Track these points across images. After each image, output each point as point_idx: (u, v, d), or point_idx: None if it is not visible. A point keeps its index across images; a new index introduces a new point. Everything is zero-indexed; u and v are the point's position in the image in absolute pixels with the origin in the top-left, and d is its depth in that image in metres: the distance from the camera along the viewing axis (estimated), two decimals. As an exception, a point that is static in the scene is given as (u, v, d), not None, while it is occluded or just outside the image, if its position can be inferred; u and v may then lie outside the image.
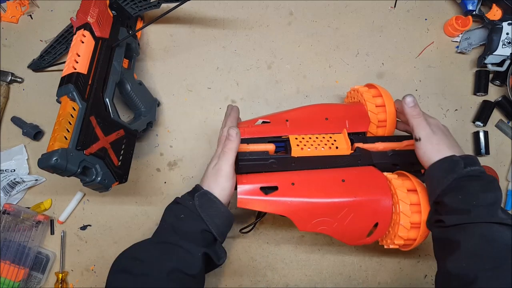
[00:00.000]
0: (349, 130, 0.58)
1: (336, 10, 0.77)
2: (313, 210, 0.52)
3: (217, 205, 0.50)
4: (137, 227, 0.71)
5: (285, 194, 0.52)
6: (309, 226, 0.52)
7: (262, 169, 0.55)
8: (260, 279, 0.69)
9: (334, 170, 0.55)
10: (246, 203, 0.52)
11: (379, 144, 0.58)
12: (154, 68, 0.76)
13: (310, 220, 0.52)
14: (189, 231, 0.49)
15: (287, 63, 0.75)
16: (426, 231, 0.51)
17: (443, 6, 0.77)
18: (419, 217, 0.51)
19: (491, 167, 0.71)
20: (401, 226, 0.51)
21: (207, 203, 0.50)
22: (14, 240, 0.67)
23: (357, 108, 0.61)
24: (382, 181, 0.54)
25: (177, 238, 0.49)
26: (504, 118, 0.73)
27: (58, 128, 0.52)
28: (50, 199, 0.72)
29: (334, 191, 0.52)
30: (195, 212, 0.49)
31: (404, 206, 0.50)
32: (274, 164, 0.55)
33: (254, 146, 0.56)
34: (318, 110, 0.61)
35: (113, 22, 0.66)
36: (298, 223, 0.52)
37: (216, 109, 0.74)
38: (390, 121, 0.60)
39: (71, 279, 0.70)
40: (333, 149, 0.56)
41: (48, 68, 0.76)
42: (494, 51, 0.70)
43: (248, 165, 0.54)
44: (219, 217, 0.50)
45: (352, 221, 0.52)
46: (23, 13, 0.79)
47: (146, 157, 0.73)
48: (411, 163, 0.57)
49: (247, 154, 0.55)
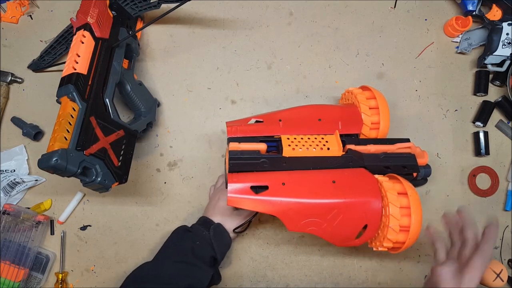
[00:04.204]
0: (341, 131, 0.58)
1: (336, 10, 0.77)
2: (302, 210, 0.52)
3: (226, 236, 0.61)
4: (137, 227, 0.71)
5: (275, 193, 0.52)
6: (298, 227, 0.52)
7: (253, 169, 0.54)
8: (260, 279, 0.69)
9: (325, 171, 0.55)
10: (235, 202, 0.52)
11: (371, 146, 0.58)
12: (154, 68, 0.76)
13: (299, 220, 0.52)
14: (204, 255, 0.58)
15: (287, 64, 0.75)
16: (415, 234, 0.51)
17: (443, 7, 0.77)
18: (408, 220, 0.50)
19: (491, 168, 0.71)
20: (390, 229, 0.50)
21: (219, 235, 0.61)
22: (14, 240, 0.67)
23: (351, 110, 0.61)
24: (372, 183, 0.53)
25: (196, 261, 0.57)
26: (504, 118, 0.73)
27: (58, 129, 0.52)
28: (50, 200, 0.72)
29: (324, 192, 0.52)
30: (208, 241, 0.59)
31: (394, 208, 0.50)
32: (266, 163, 0.54)
33: (245, 145, 0.56)
34: (312, 111, 0.61)
35: (113, 22, 0.66)
36: (287, 223, 0.52)
37: (216, 109, 0.74)
38: (384, 123, 0.60)
39: (71, 279, 0.70)
40: (324, 150, 0.56)
41: (48, 69, 0.76)
42: (494, 51, 0.70)
43: (239, 164, 0.54)
44: (224, 245, 0.61)
45: (342, 223, 0.52)
46: (23, 13, 0.79)
47: (146, 158, 0.73)
48: (402, 166, 0.57)
49: (238, 153, 0.55)
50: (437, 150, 0.72)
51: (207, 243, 0.59)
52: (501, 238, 0.70)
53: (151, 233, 0.71)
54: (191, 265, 0.57)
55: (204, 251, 0.59)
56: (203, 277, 0.57)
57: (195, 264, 0.57)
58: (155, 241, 0.70)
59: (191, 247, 0.58)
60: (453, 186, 0.71)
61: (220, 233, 0.61)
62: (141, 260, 0.70)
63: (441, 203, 0.70)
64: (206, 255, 0.58)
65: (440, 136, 0.72)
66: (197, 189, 0.71)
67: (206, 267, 0.58)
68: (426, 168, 0.59)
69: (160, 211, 0.71)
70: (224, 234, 0.61)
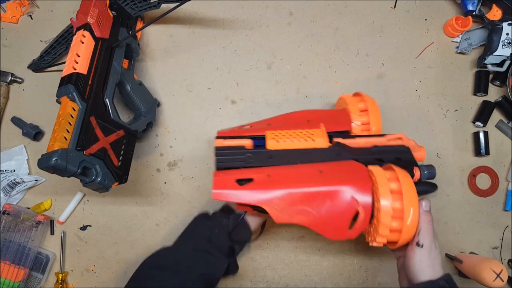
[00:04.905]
0: (330, 129, 0.57)
1: (336, 10, 0.77)
2: (288, 198, 0.50)
3: (245, 226, 0.59)
4: (137, 227, 0.71)
5: (260, 185, 0.50)
6: (285, 217, 0.50)
7: (239, 165, 0.53)
8: (260, 279, 0.69)
9: (312, 164, 0.53)
10: (220, 196, 0.50)
11: (360, 139, 0.56)
12: (154, 68, 0.76)
13: (285, 209, 0.50)
14: (221, 244, 0.57)
15: (287, 64, 0.75)
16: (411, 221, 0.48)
17: (443, 7, 0.77)
18: (401, 205, 0.48)
19: (491, 168, 0.71)
20: (382, 213, 0.47)
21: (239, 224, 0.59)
22: (14, 240, 0.67)
23: (340, 112, 0.62)
24: (361, 170, 0.51)
25: (213, 249, 0.56)
26: (504, 118, 0.73)
27: (58, 129, 0.52)
28: (50, 200, 0.72)
29: (310, 180, 0.50)
30: (226, 229, 0.58)
31: (384, 191, 0.48)
32: (251, 159, 0.54)
33: (230, 141, 0.55)
34: (301, 114, 0.62)
35: (113, 22, 0.66)
36: (273, 213, 0.50)
37: (216, 109, 0.74)
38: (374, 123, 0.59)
39: (71, 279, 0.70)
40: (309, 142, 0.54)
41: (48, 69, 0.76)
42: (494, 51, 0.70)
43: (224, 160, 0.54)
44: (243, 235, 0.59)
45: (330, 210, 0.49)
46: (23, 14, 0.79)
47: (146, 158, 0.73)
48: (396, 159, 0.54)
49: (224, 149, 0.54)
50: (437, 150, 0.72)
51: (226, 231, 0.58)
52: (501, 238, 0.70)
53: (151, 233, 0.71)
54: (208, 254, 0.56)
55: (222, 239, 0.58)
56: (219, 266, 0.57)
57: (211, 252, 0.56)
58: (155, 241, 0.71)
59: (208, 235, 0.58)
60: (453, 186, 0.71)
61: (239, 223, 0.59)
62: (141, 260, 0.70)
63: (441, 203, 0.70)
64: (223, 244, 0.57)
65: (440, 136, 0.72)
66: (197, 189, 0.71)
67: (222, 256, 0.57)
68: (429, 168, 0.56)
69: (160, 211, 0.71)
70: (243, 224, 0.59)
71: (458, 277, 0.67)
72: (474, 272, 0.59)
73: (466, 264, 0.62)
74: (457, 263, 0.65)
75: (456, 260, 0.65)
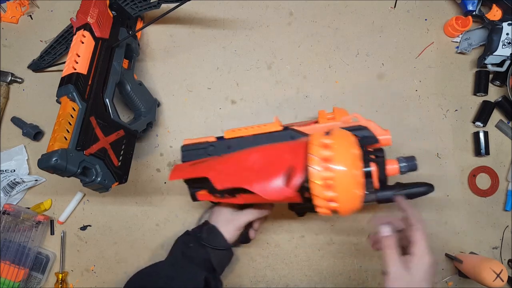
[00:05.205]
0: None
1: (336, 10, 0.77)
2: (227, 162, 0.53)
3: (219, 236, 0.57)
4: (137, 227, 0.71)
5: (209, 161, 0.56)
6: (225, 181, 0.51)
7: (201, 156, 0.58)
8: (260, 279, 0.69)
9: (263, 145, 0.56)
10: (175, 175, 0.56)
11: (315, 125, 0.56)
12: (154, 68, 0.76)
13: (225, 174, 0.52)
14: (195, 256, 0.57)
15: (287, 64, 0.75)
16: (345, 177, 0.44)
17: (443, 7, 0.77)
18: (332, 155, 0.45)
19: (491, 168, 0.71)
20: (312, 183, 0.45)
21: (211, 235, 0.58)
22: (14, 240, 0.67)
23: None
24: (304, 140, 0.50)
25: (186, 262, 0.56)
26: (504, 118, 0.73)
27: (58, 129, 0.52)
28: (50, 200, 0.72)
29: (252, 149, 0.54)
30: (200, 242, 0.57)
31: (316, 140, 0.46)
32: (212, 150, 0.58)
33: (196, 139, 0.60)
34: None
35: (113, 22, 0.66)
36: (215, 180, 0.52)
37: (216, 109, 0.74)
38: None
39: (71, 279, 0.70)
40: (262, 127, 0.58)
41: (48, 69, 0.76)
42: (494, 51, 0.70)
43: (189, 154, 0.59)
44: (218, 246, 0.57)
45: (263, 165, 0.50)
46: (23, 14, 0.79)
47: (146, 158, 0.73)
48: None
49: (190, 146, 0.59)
50: (437, 150, 0.72)
51: (200, 244, 0.57)
52: (501, 238, 0.70)
53: (151, 233, 0.71)
54: (180, 268, 0.56)
55: (196, 252, 0.57)
56: (194, 279, 0.55)
57: (183, 266, 0.56)
58: (155, 241, 0.71)
59: (181, 249, 0.58)
60: (453, 186, 0.71)
61: (212, 233, 0.58)
62: (141, 260, 0.71)
63: (441, 203, 0.70)
64: (197, 256, 0.57)
65: (440, 136, 0.72)
66: (197, 189, 0.71)
67: (197, 268, 0.56)
68: (409, 160, 0.50)
69: (160, 211, 0.71)
70: (216, 233, 0.58)
71: (458, 277, 0.67)
72: (474, 272, 0.59)
73: (466, 264, 0.62)
74: (457, 263, 0.65)
75: (456, 260, 0.65)
